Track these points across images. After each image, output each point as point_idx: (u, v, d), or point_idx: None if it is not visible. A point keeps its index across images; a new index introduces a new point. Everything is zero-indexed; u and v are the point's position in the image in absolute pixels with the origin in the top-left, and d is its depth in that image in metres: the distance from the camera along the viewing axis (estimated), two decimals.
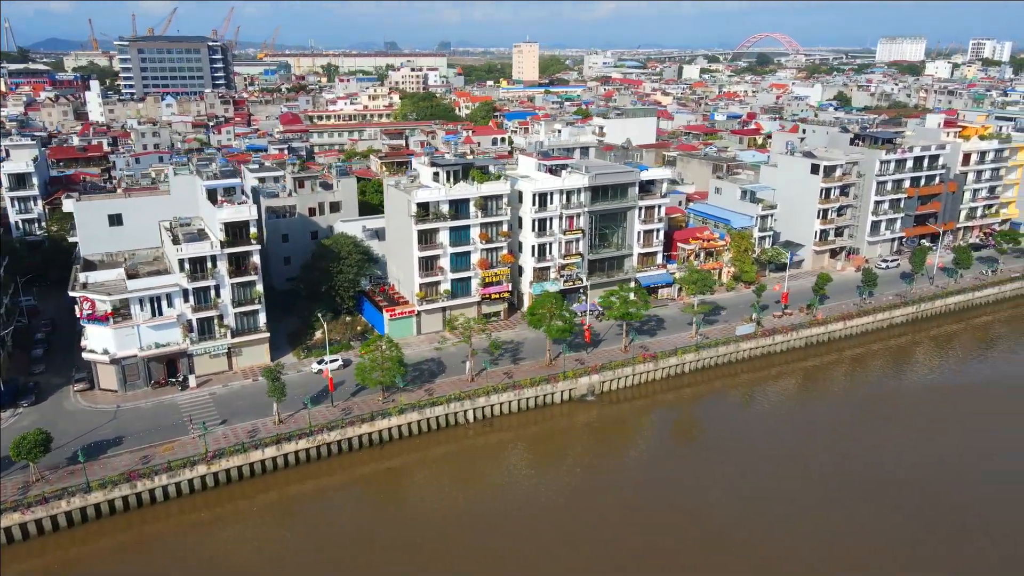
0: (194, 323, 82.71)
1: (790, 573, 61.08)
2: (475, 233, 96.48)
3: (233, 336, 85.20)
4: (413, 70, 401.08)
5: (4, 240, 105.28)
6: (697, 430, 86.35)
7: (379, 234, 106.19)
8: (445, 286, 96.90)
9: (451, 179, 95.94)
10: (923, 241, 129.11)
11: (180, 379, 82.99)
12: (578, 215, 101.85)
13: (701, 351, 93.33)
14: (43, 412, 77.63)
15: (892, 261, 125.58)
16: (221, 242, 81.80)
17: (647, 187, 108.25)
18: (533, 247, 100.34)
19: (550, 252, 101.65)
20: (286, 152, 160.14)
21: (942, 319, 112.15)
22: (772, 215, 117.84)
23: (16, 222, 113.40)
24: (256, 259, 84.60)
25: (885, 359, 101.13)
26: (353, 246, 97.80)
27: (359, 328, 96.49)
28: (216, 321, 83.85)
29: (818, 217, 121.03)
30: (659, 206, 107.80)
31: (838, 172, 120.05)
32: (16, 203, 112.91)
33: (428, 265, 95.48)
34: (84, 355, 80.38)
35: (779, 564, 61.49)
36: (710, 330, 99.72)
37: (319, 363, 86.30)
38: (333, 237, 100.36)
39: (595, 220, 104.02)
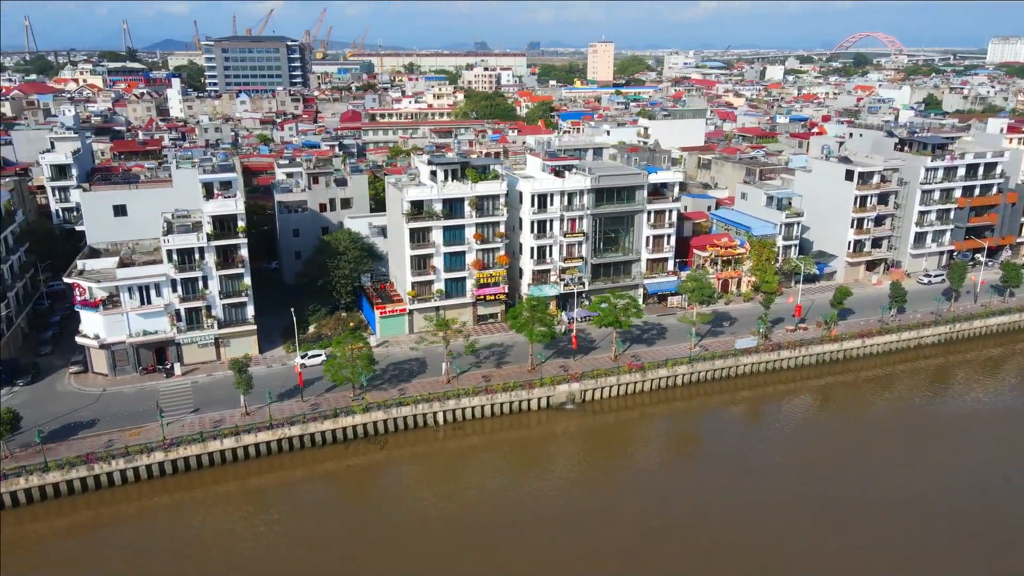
0: (182, 313, 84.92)
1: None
2: (470, 233, 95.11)
3: (220, 327, 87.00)
4: (486, 69, 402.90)
5: (37, 226, 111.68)
6: (689, 444, 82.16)
7: (384, 231, 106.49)
8: (438, 285, 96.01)
9: (448, 178, 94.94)
10: (976, 256, 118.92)
11: (167, 367, 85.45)
12: (580, 217, 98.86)
13: (695, 363, 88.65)
14: (35, 392, 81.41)
15: (937, 276, 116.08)
16: (208, 234, 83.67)
17: (660, 190, 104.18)
18: (532, 249, 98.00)
19: (550, 255, 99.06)
20: (336, 148, 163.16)
21: (981, 341, 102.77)
22: (798, 223, 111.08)
23: (57, 210, 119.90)
24: (244, 252, 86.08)
25: (908, 382, 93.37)
26: (351, 242, 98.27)
27: (352, 324, 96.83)
28: (204, 312, 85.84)
29: (852, 227, 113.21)
30: (670, 210, 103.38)
31: (875, 179, 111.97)
32: (56, 192, 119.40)
33: (421, 264, 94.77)
34: (78, 339, 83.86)
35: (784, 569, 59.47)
36: (714, 342, 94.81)
37: (302, 357, 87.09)
38: (335, 233, 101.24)
39: (600, 223, 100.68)
